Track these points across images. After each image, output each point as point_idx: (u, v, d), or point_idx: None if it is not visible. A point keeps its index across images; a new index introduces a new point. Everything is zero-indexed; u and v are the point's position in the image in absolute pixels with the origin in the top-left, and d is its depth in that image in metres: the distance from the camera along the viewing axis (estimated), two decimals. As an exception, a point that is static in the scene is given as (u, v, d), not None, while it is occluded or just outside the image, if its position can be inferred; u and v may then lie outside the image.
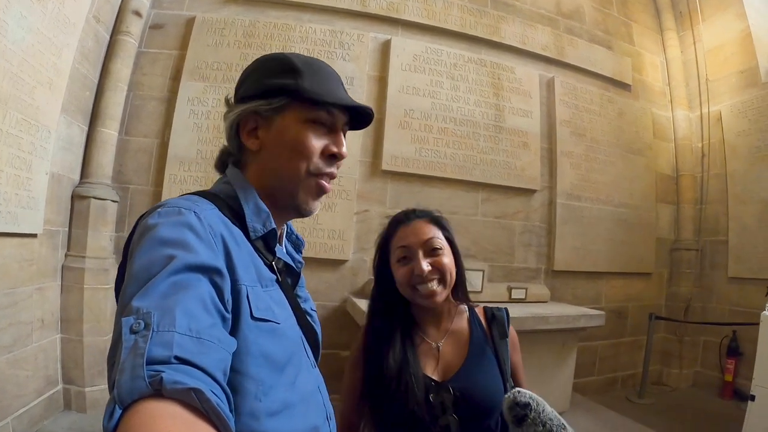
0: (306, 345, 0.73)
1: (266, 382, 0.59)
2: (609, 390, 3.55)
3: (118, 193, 2.71)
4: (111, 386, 0.43)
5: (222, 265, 0.57)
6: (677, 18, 4.35)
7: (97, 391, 2.48)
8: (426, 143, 2.95)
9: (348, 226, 2.81)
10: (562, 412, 2.45)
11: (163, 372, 0.41)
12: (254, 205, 0.71)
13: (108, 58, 2.80)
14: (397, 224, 1.06)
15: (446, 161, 2.98)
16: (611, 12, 4.02)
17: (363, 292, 2.83)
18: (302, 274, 0.84)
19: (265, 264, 0.69)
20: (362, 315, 2.51)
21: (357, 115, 0.76)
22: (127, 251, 0.60)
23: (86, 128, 2.69)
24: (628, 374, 3.72)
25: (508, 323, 1.12)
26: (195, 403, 0.41)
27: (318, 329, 0.80)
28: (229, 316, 0.56)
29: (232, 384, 0.54)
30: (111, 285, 2.67)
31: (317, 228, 2.75)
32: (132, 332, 0.45)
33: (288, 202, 0.73)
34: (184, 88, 2.78)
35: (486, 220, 3.10)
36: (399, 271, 1.02)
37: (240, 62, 2.83)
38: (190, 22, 2.95)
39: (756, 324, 2.50)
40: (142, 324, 0.45)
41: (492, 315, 1.12)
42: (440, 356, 1.02)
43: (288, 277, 0.75)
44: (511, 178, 3.16)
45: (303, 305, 0.78)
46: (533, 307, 2.87)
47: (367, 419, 1.05)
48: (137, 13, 2.93)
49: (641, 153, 3.85)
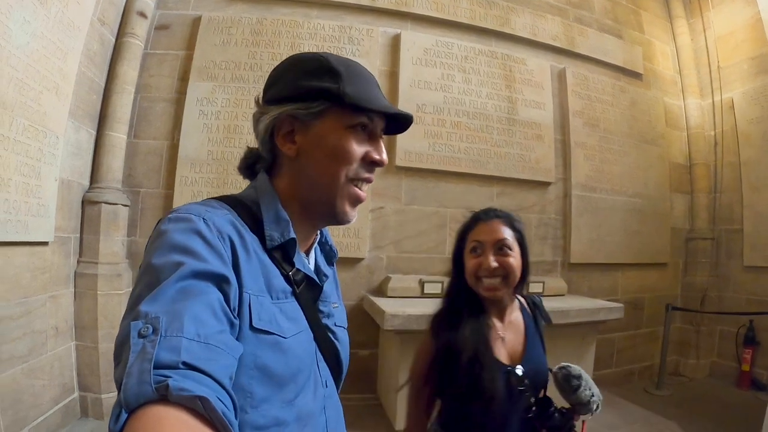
0: (320, 363, 0.71)
1: (257, 395, 0.58)
2: (627, 382, 3.52)
3: (129, 197, 2.67)
4: (118, 386, 0.43)
5: (230, 272, 0.57)
6: (686, 5, 4.30)
7: (114, 398, 2.46)
8: (439, 138, 2.90)
9: (363, 224, 2.78)
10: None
11: (170, 378, 0.41)
12: (274, 213, 0.69)
13: (114, 61, 2.77)
14: (477, 220, 1.17)
15: (460, 155, 2.94)
16: (620, 0, 3.96)
17: (380, 291, 2.80)
18: (334, 288, 0.82)
19: (283, 275, 0.67)
20: (380, 313, 2.49)
21: (395, 121, 0.73)
22: None
23: (94, 132, 2.65)
24: (645, 366, 3.68)
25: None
26: (200, 410, 0.41)
27: (342, 347, 0.77)
28: (237, 322, 0.56)
29: None
30: (124, 290, 2.65)
31: (332, 226, 2.71)
32: (140, 336, 0.45)
33: (325, 210, 0.70)
34: (193, 89, 2.73)
35: None
36: (470, 261, 1.13)
37: (248, 61, 2.78)
38: (197, 22, 2.90)
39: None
40: (151, 328, 0.46)
41: (533, 303, 1.25)
42: (506, 343, 1.13)
43: (309, 290, 0.72)
44: (526, 171, 3.12)
45: (325, 321, 0.75)
46: (552, 301, 2.83)
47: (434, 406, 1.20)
48: (142, 14, 2.89)
49: (654, 142, 3.81)
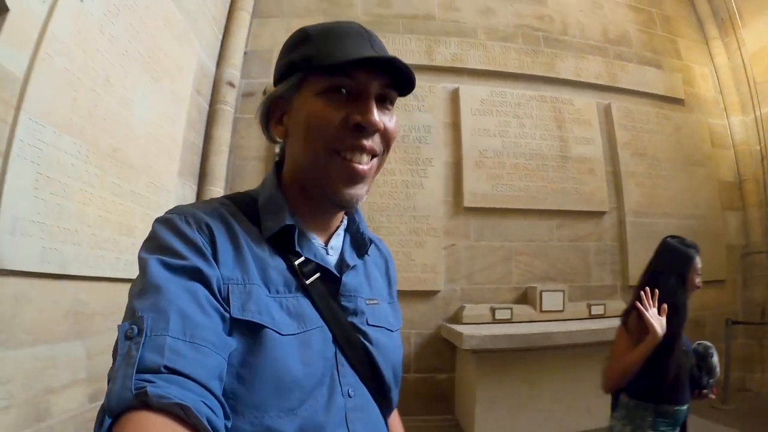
0: (342, 368, 0.61)
1: (244, 400, 0.52)
2: (693, 397, 3.62)
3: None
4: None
5: (210, 265, 0.55)
6: (719, 25, 4.47)
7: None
8: (501, 179, 3.22)
9: (438, 260, 3.11)
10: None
11: (150, 383, 0.41)
12: (267, 200, 0.65)
13: (210, 126, 3.26)
14: (697, 253, 1.68)
15: (520, 193, 3.24)
16: (656, 31, 4.20)
17: (455, 319, 3.10)
18: (364, 281, 0.71)
19: (288, 266, 0.62)
20: (458, 336, 2.79)
21: (399, 77, 0.61)
22: None
23: (196, 188, 3.12)
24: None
25: None
26: (183, 417, 0.41)
27: (378, 351, 0.65)
28: (228, 315, 0.53)
29: None
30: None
31: (411, 263, 3.06)
32: (126, 338, 0.46)
33: (320, 192, 0.63)
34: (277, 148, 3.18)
35: (562, 245, 3.32)
36: (693, 277, 1.66)
37: (328, 122, 3.21)
38: (279, 90, 3.37)
39: None
40: (136, 329, 0.46)
41: None
42: None
43: (325, 283, 0.64)
44: (581, 203, 3.38)
45: (352, 319, 0.65)
46: (612, 321, 3.05)
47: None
48: (231, 84, 3.40)
49: (701, 164, 3.97)
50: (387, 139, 0.63)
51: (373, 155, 0.62)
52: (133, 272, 0.54)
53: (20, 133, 1.53)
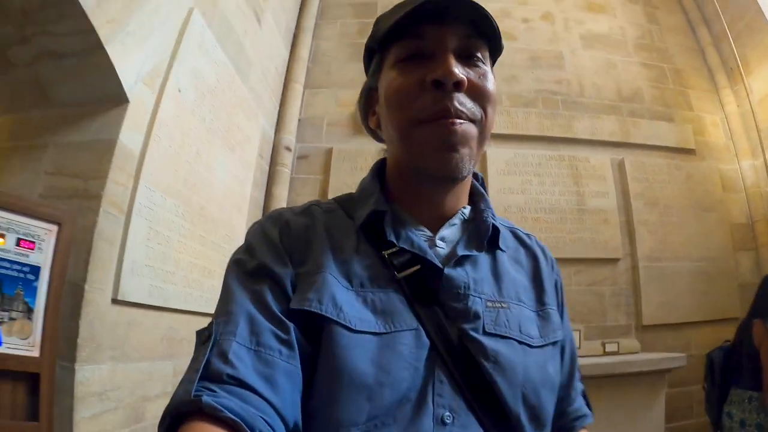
0: (439, 384, 0.50)
1: (309, 409, 0.48)
2: None
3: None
4: None
5: (284, 263, 0.53)
6: (729, 74, 4.78)
7: None
8: None
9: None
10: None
11: (209, 392, 0.40)
12: (360, 190, 0.63)
13: (270, 185, 3.83)
14: None
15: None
16: (667, 86, 4.58)
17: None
18: (489, 277, 0.60)
19: (381, 258, 0.56)
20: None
21: (480, 25, 0.54)
22: None
23: None
24: (726, 413, 4.05)
25: None
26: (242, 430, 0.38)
27: (494, 368, 0.51)
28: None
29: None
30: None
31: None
32: (201, 342, 0.46)
33: (414, 170, 0.58)
34: (334, 207, 3.73)
35: (579, 289, 3.72)
36: None
37: (372, 182, 3.75)
38: (329, 152, 3.93)
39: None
40: (206, 334, 0.46)
41: None
42: None
43: (424, 279, 0.54)
44: (597, 251, 3.78)
45: (464, 325, 0.53)
46: (623, 357, 3.42)
47: None
48: (288, 148, 3.98)
49: (713, 208, 4.29)
50: (481, 99, 0.55)
51: (467, 119, 0.53)
52: (213, 308, 0.54)
53: (139, 197, 1.97)
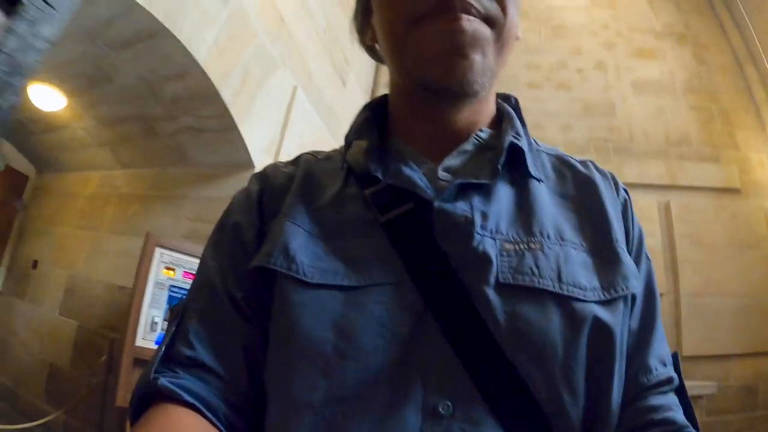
0: (436, 358, 0.36)
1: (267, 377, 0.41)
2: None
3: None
4: None
5: (252, 217, 0.47)
6: (777, 110, 4.99)
7: None
8: None
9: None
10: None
11: (168, 374, 0.39)
12: (352, 123, 0.52)
13: None
14: None
15: None
16: (715, 126, 4.85)
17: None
18: (511, 209, 0.45)
19: (364, 198, 0.44)
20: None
21: None
22: None
23: None
24: (764, 443, 4.36)
25: None
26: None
27: (509, 335, 0.37)
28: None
29: None
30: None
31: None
32: (171, 319, 0.45)
33: (412, 83, 0.47)
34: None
35: None
36: None
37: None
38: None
39: None
40: (176, 310, 0.44)
41: None
42: None
43: (416, 218, 0.41)
44: None
45: (466, 275, 0.39)
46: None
47: None
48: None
49: (757, 246, 4.56)
50: None
51: (479, 17, 0.41)
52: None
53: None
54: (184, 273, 2.48)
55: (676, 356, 0.48)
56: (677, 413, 0.42)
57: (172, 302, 2.40)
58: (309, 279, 0.39)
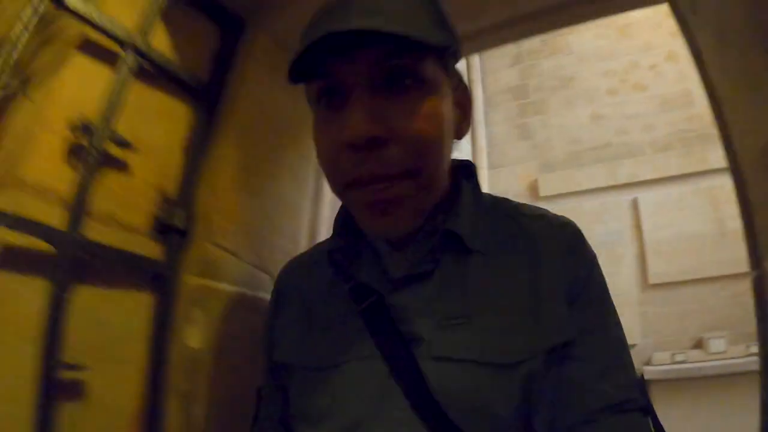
0: (397, 412, 0.44)
1: None
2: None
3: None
4: None
5: (273, 319, 0.60)
6: None
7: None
8: (672, 264, 4.39)
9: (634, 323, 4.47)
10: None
11: None
12: (335, 217, 0.57)
13: None
14: None
15: (691, 268, 4.42)
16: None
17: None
18: (436, 294, 0.49)
19: (353, 294, 0.51)
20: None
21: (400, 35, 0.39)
22: None
23: None
24: None
25: None
26: None
27: (445, 396, 0.43)
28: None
29: None
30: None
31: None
32: (257, 401, 0.61)
33: None
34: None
35: (725, 302, 4.26)
36: None
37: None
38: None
39: None
40: (257, 397, 0.61)
41: None
42: None
43: (383, 305, 0.49)
44: (741, 266, 3.47)
45: (417, 350, 0.46)
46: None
47: None
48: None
49: None
50: (412, 148, 0.43)
51: (398, 176, 0.43)
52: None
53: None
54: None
55: (642, 380, 0.49)
56: None
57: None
58: (311, 365, 0.52)
